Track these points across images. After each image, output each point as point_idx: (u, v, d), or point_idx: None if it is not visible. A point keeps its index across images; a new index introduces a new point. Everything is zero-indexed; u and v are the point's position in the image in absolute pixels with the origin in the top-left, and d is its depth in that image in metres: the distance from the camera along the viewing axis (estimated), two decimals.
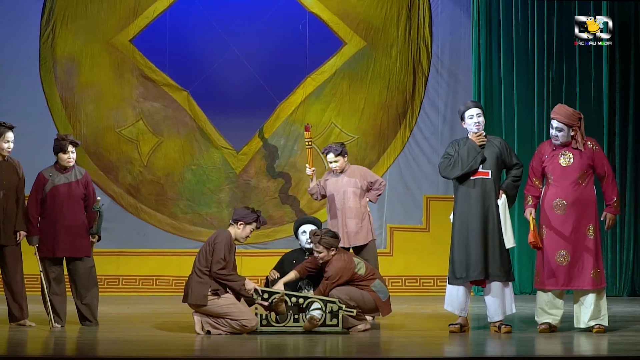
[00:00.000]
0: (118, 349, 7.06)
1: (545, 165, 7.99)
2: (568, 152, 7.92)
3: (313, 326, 7.75)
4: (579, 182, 7.90)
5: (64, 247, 8.13)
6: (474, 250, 7.88)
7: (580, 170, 7.89)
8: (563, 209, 7.89)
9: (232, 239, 7.92)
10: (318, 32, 11.64)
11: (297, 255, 8.53)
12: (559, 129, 7.90)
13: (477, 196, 7.93)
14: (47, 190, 8.16)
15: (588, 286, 7.86)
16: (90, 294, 8.19)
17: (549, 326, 7.92)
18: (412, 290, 11.41)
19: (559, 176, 7.92)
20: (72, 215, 8.17)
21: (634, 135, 11.62)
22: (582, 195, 7.90)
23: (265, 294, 7.86)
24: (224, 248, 7.79)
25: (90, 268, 8.23)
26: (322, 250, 8.03)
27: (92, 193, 8.33)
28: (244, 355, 6.94)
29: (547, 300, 7.97)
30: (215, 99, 11.57)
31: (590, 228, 7.90)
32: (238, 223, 7.96)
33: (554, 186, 7.94)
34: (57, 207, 8.15)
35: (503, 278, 7.91)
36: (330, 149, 8.95)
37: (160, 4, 11.54)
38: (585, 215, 7.90)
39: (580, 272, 7.87)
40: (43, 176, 8.21)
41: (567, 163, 7.92)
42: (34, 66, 11.40)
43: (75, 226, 8.17)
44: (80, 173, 8.30)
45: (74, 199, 8.19)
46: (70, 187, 8.19)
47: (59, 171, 8.23)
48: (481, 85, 11.58)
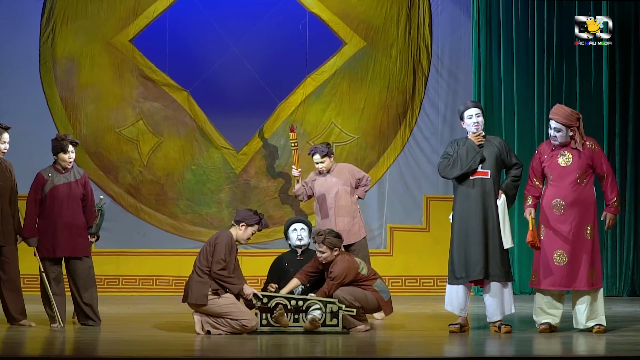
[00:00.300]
0: (118, 349, 7.06)
1: (544, 165, 8.00)
2: (567, 152, 7.92)
3: (315, 327, 7.75)
4: (578, 182, 7.90)
5: (64, 247, 8.14)
6: (473, 250, 7.89)
7: (579, 170, 7.89)
8: (561, 209, 7.89)
9: (233, 240, 7.92)
10: (318, 32, 11.64)
11: (290, 257, 8.50)
12: (557, 129, 7.90)
13: (477, 196, 7.94)
14: (47, 190, 8.16)
15: (584, 287, 7.86)
16: (90, 293, 8.21)
17: (549, 326, 7.92)
18: (412, 290, 11.41)
19: (558, 176, 7.93)
20: (71, 215, 8.18)
21: (634, 135, 11.62)
22: (581, 195, 7.90)
23: (265, 298, 7.85)
24: (225, 249, 7.79)
25: (89, 268, 8.25)
26: (325, 250, 8.02)
27: (90, 193, 8.35)
28: (244, 355, 6.94)
29: (545, 300, 7.97)
30: (215, 99, 11.57)
31: (588, 228, 7.90)
32: (240, 224, 7.95)
33: (553, 186, 7.95)
34: (57, 207, 8.15)
35: (502, 278, 7.91)
36: (316, 150, 8.97)
37: (160, 4, 11.54)
38: (583, 215, 7.89)
39: (576, 273, 7.86)
40: (42, 176, 8.21)
41: (565, 163, 7.92)
42: (34, 66, 11.40)
43: (74, 226, 8.18)
44: (79, 173, 8.31)
45: (74, 199, 8.21)
46: (69, 187, 8.20)
47: (58, 171, 8.23)
48: (481, 85, 11.57)
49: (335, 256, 8.03)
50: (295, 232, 8.51)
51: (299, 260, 8.44)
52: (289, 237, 8.59)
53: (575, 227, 7.87)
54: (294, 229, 8.54)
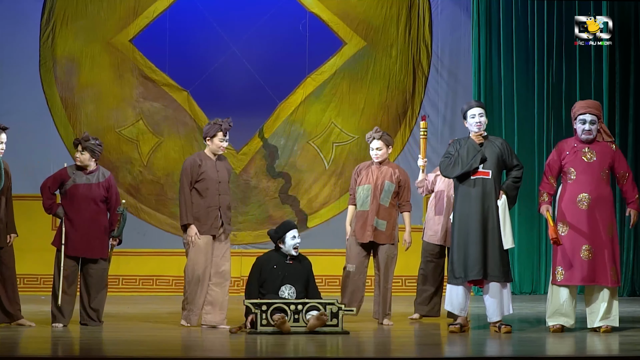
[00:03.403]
0: (118, 349, 7.06)
1: (566, 162, 8.00)
2: (591, 148, 7.96)
3: (322, 322, 7.69)
4: (602, 179, 7.93)
5: (77, 247, 8.12)
6: (472, 250, 7.88)
7: (603, 167, 7.94)
8: (587, 204, 7.90)
9: (192, 162, 8.18)
10: (318, 32, 11.64)
11: (278, 260, 8.28)
12: (593, 122, 7.95)
13: (477, 196, 7.93)
14: (68, 187, 8.16)
15: (607, 283, 7.87)
16: (99, 296, 8.20)
17: (562, 327, 7.93)
18: (412, 291, 11.37)
19: (583, 171, 7.94)
20: (89, 216, 8.15)
21: (634, 135, 11.63)
22: (604, 192, 7.95)
23: (263, 306, 7.81)
24: (181, 175, 8.18)
25: (103, 270, 8.23)
26: (382, 147, 8.47)
27: (115, 196, 8.29)
28: (244, 355, 6.94)
29: (562, 300, 7.94)
30: (215, 99, 11.57)
31: (611, 226, 7.92)
32: (206, 140, 8.25)
33: (577, 182, 7.95)
34: (75, 206, 8.14)
35: (501, 279, 7.91)
36: None
37: (160, 4, 11.54)
38: (607, 212, 7.93)
39: (602, 268, 7.87)
40: (66, 172, 8.21)
41: (590, 159, 7.95)
42: (34, 66, 11.40)
43: (91, 227, 8.15)
44: (104, 176, 8.27)
45: (92, 201, 8.16)
46: (90, 188, 8.17)
47: (81, 171, 8.23)
48: (481, 85, 11.58)
49: (388, 154, 8.49)
50: (294, 239, 8.27)
51: (287, 264, 8.26)
52: (284, 242, 8.24)
53: (600, 222, 7.89)
54: (292, 236, 8.27)
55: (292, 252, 8.20)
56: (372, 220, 8.51)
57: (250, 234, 11.47)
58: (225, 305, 8.22)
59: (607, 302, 7.90)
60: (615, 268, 7.90)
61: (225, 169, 8.34)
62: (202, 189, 8.11)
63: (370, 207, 8.51)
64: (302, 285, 8.15)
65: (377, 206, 8.52)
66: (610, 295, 7.90)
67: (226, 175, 8.31)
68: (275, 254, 8.29)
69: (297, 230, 8.32)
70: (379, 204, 8.53)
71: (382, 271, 8.55)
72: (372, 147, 8.58)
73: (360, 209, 8.57)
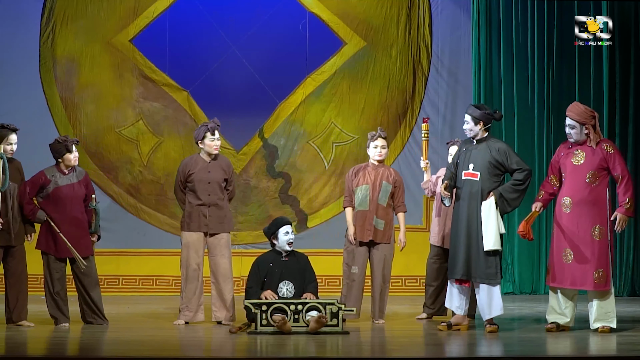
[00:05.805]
0: (118, 349, 7.06)
1: (560, 163, 8.04)
2: (581, 151, 7.95)
3: (321, 325, 7.71)
4: (588, 182, 7.90)
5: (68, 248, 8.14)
6: (458, 250, 8.01)
7: (590, 170, 7.90)
8: (569, 207, 7.91)
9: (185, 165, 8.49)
10: (318, 32, 11.64)
11: (273, 258, 8.33)
12: (572, 126, 7.97)
13: (464, 197, 8.06)
14: (50, 191, 8.19)
15: (590, 288, 7.86)
16: (96, 292, 8.26)
17: (557, 326, 7.93)
18: (412, 290, 11.40)
19: (569, 174, 7.96)
20: (75, 216, 8.23)
21: (634, 135, 11.62)
22: (590, 195, 7.89)
23: (263, 306, 7.82)
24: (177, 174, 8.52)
25: (93, 267, 8.30)
26: (385, 145, 8.68)
27: (92, 193, 8.40)
28: (244, 355, 6.95)
29: (557, 299, 7.99)
30: (215, 99, 11.57)
31: (597, 229, 7.89)
32: (198, 143, 8.45)
33: (565, 184, 8.00)
34: (61, 208, 8.18)
35: (485, 280, 7.94)
36: (454, 144, 8.91)
37: (160, 4, 11.54)
38: (591, 215, 7.88)
39: (583, 272, 7.87)
40: (45, 176, 8.22)
41: (577, 162, 7.95)
42: (34, 66, 11.40)
43: (79, 226, 8.24)
44: (81, 174, 8.35)
45: (77, 200, 8.25)
46: (73, 188, 8.24)
47: (61, 172, 8.25)
48: (481, 85, 11.58)
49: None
50: (288, 235, 8.32)
51: (283, 260, 8.33)
52: (278, 238, 8.32)
53: (581, 226, 7.88)
54: (285, 232, 8.31)
55: (286, 247, 8.28)
56: (372, 219, 8.53)
57: (250, 234, 11.47)
58: (228, 302, 8.30)
59: (598, 305, 7.89)
60: (601, 271, 7.86)
61: (220, 169, 8.44)
62: (192, 189, 8.45)
63: (370, 207, 8.55)
64: (300, 280, 8.21)
65: (376, 206, 8.56)
66: (600, 297, 7.89)
67: (220, 176, 8.46)
68: (271, 253, 8.40)
69: (290, 225, 8.39)
70: (377, 204, 8.56)
71: (379, 270, 8.58)
72: (377, 145, 8.64)
73: (359, 209, 8.60)
